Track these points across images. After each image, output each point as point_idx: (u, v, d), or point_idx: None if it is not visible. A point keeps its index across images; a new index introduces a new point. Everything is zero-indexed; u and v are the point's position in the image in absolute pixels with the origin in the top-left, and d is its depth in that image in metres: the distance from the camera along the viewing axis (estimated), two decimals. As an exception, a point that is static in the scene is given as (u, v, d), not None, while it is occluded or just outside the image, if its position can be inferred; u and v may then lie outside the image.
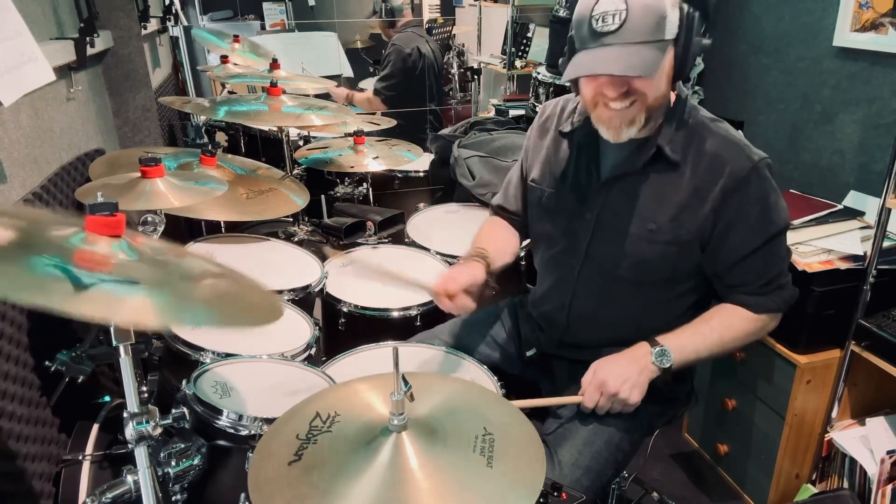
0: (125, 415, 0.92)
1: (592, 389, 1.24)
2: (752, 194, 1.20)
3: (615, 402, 1.23)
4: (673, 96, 1.27)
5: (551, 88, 2.63)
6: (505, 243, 1.52)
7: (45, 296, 0.70)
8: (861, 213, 1.96)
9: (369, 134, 2.48)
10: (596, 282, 1.34)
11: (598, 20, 1.11)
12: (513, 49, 3.77)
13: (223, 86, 3.30)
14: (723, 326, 1.27)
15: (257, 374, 1.36)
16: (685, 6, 1.14)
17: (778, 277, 1.26)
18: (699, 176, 1.22)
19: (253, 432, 1.17)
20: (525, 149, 1.53)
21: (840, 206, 1.99)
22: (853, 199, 2.08)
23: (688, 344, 1.25)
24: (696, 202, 1.22)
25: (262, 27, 5.02)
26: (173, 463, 1.11)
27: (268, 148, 3.01)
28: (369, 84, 4.69)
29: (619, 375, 1.22)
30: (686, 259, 1.27)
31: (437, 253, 1.97)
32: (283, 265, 1.84)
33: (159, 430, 0.96)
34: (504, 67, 3.88)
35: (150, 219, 1.46)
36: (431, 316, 1.71)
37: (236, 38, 3.36)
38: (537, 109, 1.49)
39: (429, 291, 1.33)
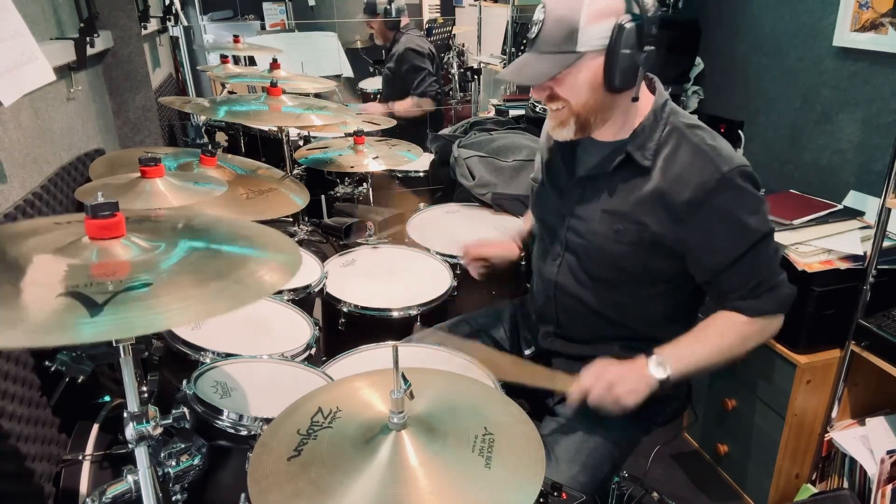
0: (125, 415, 0.92)
1: (589, 374, 1.21)
2: (722, 206, 1.18)
3: (609, 397, 1.19)
4: (651, 102, 1.27)
5: (551, 88, 2.62)
6: None
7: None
8: (861, 213, 1.96)
9: (369, 134, 2.48)
10: (575, 277, 1.37)
11: (530, 28, 1.22)
12: (513, 49, 3.76)
13: (223, 86, 3.30)
14: (718, 333, 1.27)
15: (257, 374, 1.36)
16: (624, 18, 1.12)
17: (768, 279, 1.24)
18: (666, 183, 1.21)
19: (253, 432, 1.17)
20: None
21: (840, 206, 1.99)
22: (853, 199, 2.08)
23: (685, 353, 1.25)
24: (661, 208, 1.22)
25: (262, 27, 5.02)
26: (173, 463, 1.11)
27: (268, 148, 3.01)
28: (369, 84, 4.70)
29: (619, 374, 1.21)
30: (656, 260, 1.27)
31: (437, 253, 1.97)
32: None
33: (159, 430, 0.96)
34: (504, 67, 3.88)
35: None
36: (431, 316, 1.71)
37: (236, 39, 3.36)
38: (537, 109, 1.50)
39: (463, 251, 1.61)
